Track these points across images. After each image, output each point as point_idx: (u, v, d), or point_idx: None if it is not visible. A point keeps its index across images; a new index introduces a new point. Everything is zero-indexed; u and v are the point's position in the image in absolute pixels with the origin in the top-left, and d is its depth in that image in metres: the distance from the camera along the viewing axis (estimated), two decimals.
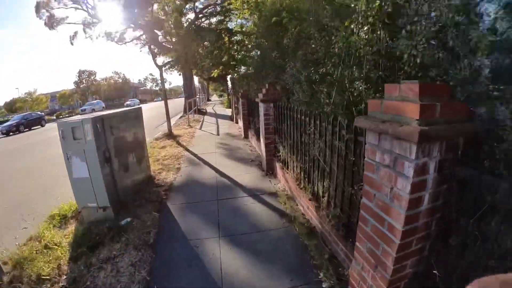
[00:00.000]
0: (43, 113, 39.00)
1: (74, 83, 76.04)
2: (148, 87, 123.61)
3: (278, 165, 5.91)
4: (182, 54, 14.68)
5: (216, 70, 19.16)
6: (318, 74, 3.95)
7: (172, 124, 17.22)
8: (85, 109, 48.66)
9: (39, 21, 24.38)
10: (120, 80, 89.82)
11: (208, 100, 52.75)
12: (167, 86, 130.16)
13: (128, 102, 61.17)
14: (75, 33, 27.47)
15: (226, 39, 17.27)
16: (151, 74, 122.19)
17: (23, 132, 28.01)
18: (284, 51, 6.06)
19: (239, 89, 13.12)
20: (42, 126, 33.46)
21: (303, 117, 4.31)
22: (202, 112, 23.35)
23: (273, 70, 6.77)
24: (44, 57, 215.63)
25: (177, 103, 36.60)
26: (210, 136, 12.00)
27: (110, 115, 4.94)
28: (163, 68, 18.39)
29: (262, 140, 6.66)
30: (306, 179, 4.44)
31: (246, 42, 15.45)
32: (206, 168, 7.35)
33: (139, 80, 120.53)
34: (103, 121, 4.63)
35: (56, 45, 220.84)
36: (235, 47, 16.95)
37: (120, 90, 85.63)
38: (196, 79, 41.22)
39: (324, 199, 3.80)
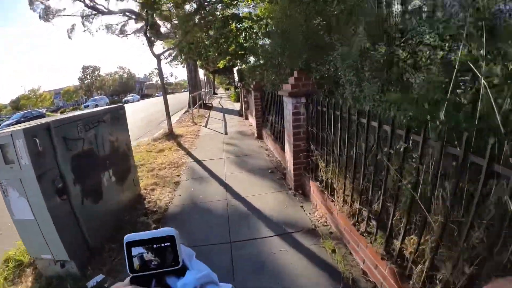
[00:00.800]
0: (43, 111, 37.98)
1: (78, 79, 75.21)
2: (154, 82, 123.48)
3: (314, 186, 4.19)
4: (184, 43, 13.00)
5: (222, 61, 17.47)
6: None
7: (175, 121, 15.69)
8: (88, 105, 47.18)
9: (35, 14, 22.72)
10: (125, 75, 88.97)
11: (214, 93, 50.93)
12: (172, 80, 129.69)
13: (127, 98, 59.34)
14: (73, 26, 25.87)
15: (233, 25, 15.50)
16: (156, 69, 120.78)
17: None
18: (328, 22, 4.32)
19: (250, 80, 11.42)
20: None
21: (375, 124, 2.57)
22: (208, 107, 21.68)
23: (304, 52, 5.04)
24: (48, 55, 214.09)
25: (182, 97, 35.49)
26: (216, 135, 10.34)
27: (64, 120, 3.24)
28: (165, 61, 16.70)
29: (288, 147, 4.96)
30: (373, 222, 2.78)
31: (256, 29, 13.73)
32: (213, 183, 5.69)
33: (145, 74, 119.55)
34: (50, 132, 2.96)
35: (59, 41, 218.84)
36: (243, 35, 15.21)
37: (125, 85, 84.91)
38: (201, 72, 39.54)
39: (418, 267, 2.14)
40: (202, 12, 12.09)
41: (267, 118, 8.21)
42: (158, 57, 10.03)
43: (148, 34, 10.21)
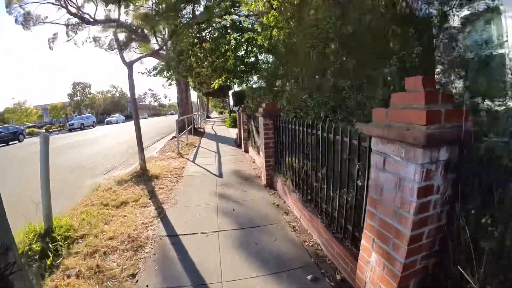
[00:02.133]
0: (21, 127, 34.78)
1: (68, 95, 72.79)
2: (147, 102, 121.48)
3: None
4: (172, 53, 10.30)
5: (217, 80, 14.75)
6: None
7: (157, 150, 12.72)
8: (73, 124, 44.30)
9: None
10: (117, 94, 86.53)
11: (208, 117, 48.18)
12: (166, 101, 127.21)
13: (110, 119, 56.64)
14: (55, 35, 23.19)
15: (232, 37, 12.84)
16: (150, 89, 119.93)
17: None
18: None
19: (256, 102, 8.64)
20: (20, 141, 29.13)
21: None
22: (200, 132, 18.77)
23: None
24: (35, 67, 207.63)
25: (173, 120, 30.93)
26: (207, 178, 7.34)
27: None
28: (147, 74, 13.88)
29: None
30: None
31: (260, 41, 11.08)
32: None
33: (139, 95, 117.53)
34: None
35: (51, 55, 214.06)
36: (243, 47, 12.54)
37: (117, 105, 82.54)
38: (194, 95, 36.93)
39: None
40: (195, 11, 9.41)
41: (285, 160, 5.29)
42: (129, 66, 7.15)
43: (117, 35, 7.37)
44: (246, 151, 10.48)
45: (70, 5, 19.69)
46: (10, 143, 27.81)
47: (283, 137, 5.52)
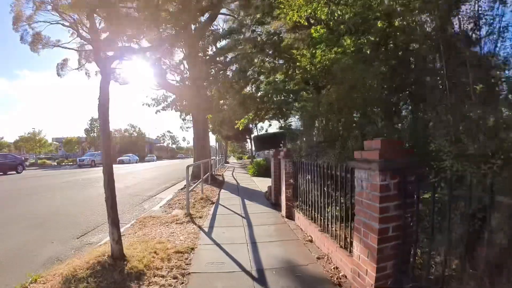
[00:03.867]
0: (22, 157, 32.64)
1: (84, 130, 71.53)
2: (165, 144, 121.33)
3: None
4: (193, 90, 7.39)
5: (243, 119, 11.65)
6: None
7: (162, 204, 9.42)
8: (83, 160, 42.03)
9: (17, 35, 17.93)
10: (135, 134, 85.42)
11: (226, 162, 44.79)
12: (184, 144, 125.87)
13: (122, 158, 54.68)
14: (65, 60, 21.08)
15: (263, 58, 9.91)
16: (169, 131, 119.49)
17: None
18: None
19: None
20: (18, 172, 26.62)
21: None
22: (218, 181, 15.33)
23: None
24: (55, 99, 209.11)
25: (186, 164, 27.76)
26: (232, 282, 3.84)
27: None
28: (155, 107, 10.86)
29: None
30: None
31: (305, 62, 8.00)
32: None
33: (157, 136, 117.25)
34: None
35: (72, 87, 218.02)
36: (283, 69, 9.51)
37: (134, 144, 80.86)
38: (212, 138, 34.21)
39: None
40: None
41: None
42: (104, 62, 3.92)
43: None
44: (290, 217, 6.87)
45: (82, 29, 17.47)
46: (8, 172, 25.42)
47: None
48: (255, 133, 31.07)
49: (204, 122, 16.04)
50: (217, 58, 9.76)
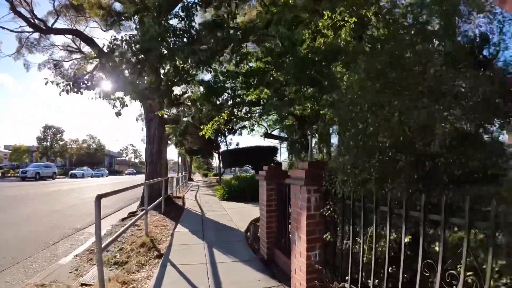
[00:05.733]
0: None
1: (36, 138, 64.76)
2: (127, 158, 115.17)
3: None
4: None
5: (212, 122, 8.33)
6: None
7: (83, 248, 5.80)
8: (26, 172, 36.04)
9: None
10: (94, 145, 78.80)
11: (190, 179, 40.20)
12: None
13: (74, 171, 49.22)
14: None
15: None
16: (131, 145, 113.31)
17: None
18: None
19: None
20: None
21: None
22: (176, 208, 11.46)
23: None
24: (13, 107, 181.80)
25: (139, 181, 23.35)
26: None
27: None
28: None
29: None
30: None
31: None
32: None
33: (120, 149, 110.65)
34: None
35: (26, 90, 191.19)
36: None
37: (92, 157, 74.51)
38: (174, 152, 30.23)
39: None
40: None
41: None
42: None
43: None
44: None
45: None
46: None
47: None
48: (223, 148, 27.68)
49: (159, 127, 12.09)
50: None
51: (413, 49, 2.77)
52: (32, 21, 13.20)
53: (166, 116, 11.83)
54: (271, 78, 6.25)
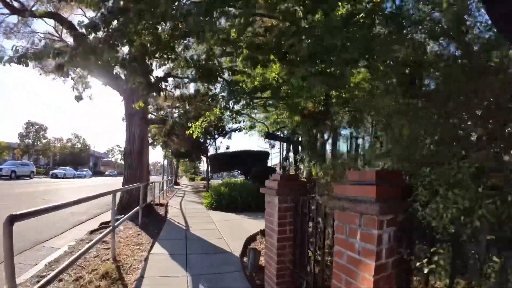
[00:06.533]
0: None
1: (18, 135, 62.54)
2: (113, 159, 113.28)
3: None
4: None
5: (200, 120, 7.30)
6: None
7: (36, 271, 4.35)
8: (0, 169, 33.73)
9: None
10: (79, 145, 76.82)
11: (176, 183, 38.48)
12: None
13: (55, 171, 47.12)
14: None
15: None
16: (118, 146, 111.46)
17: None
18: None
19: None
20: None
21: None
22: (156, 218, 10.09)
23: None
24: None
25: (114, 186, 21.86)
26: None
27: None
28: None
29: None
30: None
31: None
32: None
33: (107, 150, 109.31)
34: None
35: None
36: None
37: (77, 157, 72.63)
38: (159, 154, 28.95)
39: None
40: None
41: None
42: None
43: None
44: None
45: None
46: None
47: None
48: (212, 152, 26.48)
49: (142, 125, 10.68)
50: None
51: None
52: (9, 2, 11.77)
53: (150, 110, 10.41)
54: (291, 47, 4.75)
